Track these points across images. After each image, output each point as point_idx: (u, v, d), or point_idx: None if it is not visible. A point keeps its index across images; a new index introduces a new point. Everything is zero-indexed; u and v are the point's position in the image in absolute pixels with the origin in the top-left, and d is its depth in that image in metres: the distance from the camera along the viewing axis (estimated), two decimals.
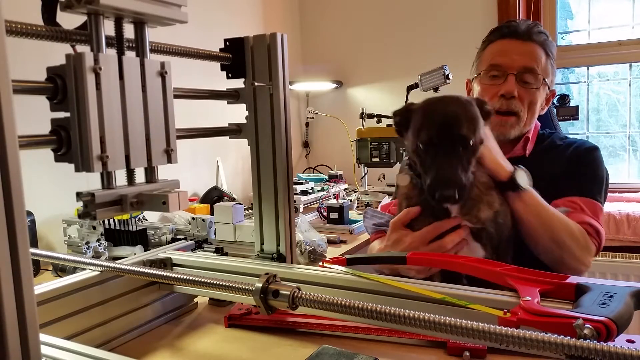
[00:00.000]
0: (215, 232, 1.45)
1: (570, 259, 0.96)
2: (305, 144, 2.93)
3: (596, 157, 1.11)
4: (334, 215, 1.74)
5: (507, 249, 0.96)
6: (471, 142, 0.84)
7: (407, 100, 2.18)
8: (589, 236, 1.00)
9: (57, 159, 0.55)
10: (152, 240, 1.35)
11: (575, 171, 1.09)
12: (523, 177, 0.95)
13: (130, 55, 0.60)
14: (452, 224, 0.90)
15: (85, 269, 0.78)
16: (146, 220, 1.53)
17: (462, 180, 0.82)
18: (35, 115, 0.72)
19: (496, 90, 1.10)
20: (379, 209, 1.29)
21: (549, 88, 1.15)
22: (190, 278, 0.66)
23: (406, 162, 1.00)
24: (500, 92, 1.09)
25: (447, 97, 0.91)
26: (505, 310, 0.57)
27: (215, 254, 1.21)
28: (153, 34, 0.62)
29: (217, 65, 0.85)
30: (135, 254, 0.99)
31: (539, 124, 1.21)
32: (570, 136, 1.27)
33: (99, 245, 1.27)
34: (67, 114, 0.54)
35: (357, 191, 2.28)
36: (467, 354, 0.68)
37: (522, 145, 1.15)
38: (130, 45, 0.61)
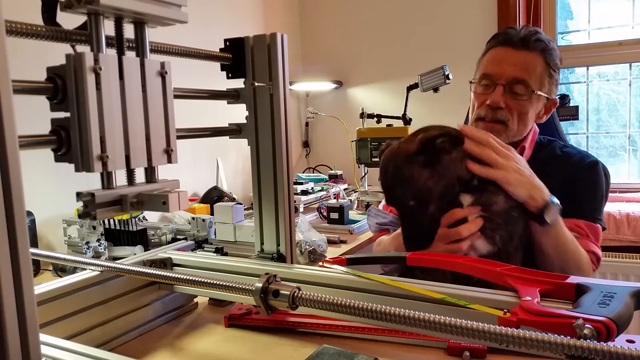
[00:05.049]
0: (215, 232, 1.45)
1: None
2: (305, 144, 2.93)
3: (597, 174, 1.10)
4: (334, 215, 1.74)
5: (518, 248, 0.95)
6: None
7: (407, 100, 2.17)
8: (591, 263, 1.02)
9: (57, 159, 0.55)
10: (152, 240, 1.35)
11: (577, 191, 1.08)
12: (554, 213, 0.92)
13: (130, 55, 0.60)
14: (465, 213, 0.90)
15: (85, 269, 0.78)
16: (146, 220, 1.54)
17: None
18: (35, 115, 0.72)
19: (485, 99, 1.10)
20: (380, 208, 1.29)
21: (547, 98, 1.13)
22: (190, 278, 0.66)
23: None
24: (487, 102, 1.09)
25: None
26: (505, 310, 0.57)
27: (215, 254, 1.21)
28: (153, 34, 0.62)
29: (217, 65, 0.85)
30: (135, 254, 1.00)
31: (537, 131, 1.19)
32: (571, 142, 1.25)
33: (99, 245, 1.27)
34: (67, 114, 0.54)
35: (357, 191, 2.28)
36: (467, 354, 0.68)
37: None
38: (130, 45, 0.61)
